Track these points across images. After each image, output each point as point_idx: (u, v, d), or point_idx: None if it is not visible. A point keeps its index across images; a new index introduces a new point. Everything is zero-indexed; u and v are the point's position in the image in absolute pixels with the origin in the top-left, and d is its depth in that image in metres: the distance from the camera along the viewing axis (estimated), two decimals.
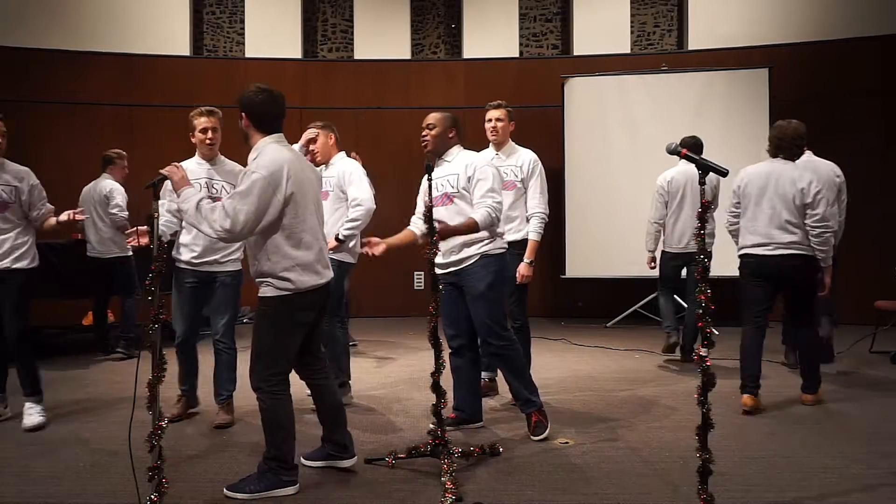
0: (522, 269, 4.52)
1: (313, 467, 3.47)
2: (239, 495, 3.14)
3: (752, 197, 4.60)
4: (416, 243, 4.01)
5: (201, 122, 4.25)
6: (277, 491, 3.17)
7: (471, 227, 3.71)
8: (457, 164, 3.92)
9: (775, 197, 4.52)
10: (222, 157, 4.37)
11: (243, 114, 3.26)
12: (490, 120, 4.70)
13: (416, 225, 4.07)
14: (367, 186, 4.65)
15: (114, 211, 6.17)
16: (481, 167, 3.86)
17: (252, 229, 3.05)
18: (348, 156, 4.93)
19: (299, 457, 3.45)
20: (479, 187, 3.81)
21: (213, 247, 4.20)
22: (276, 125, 3.28)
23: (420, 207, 4.12)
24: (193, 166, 4.24)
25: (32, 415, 4.21)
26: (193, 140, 4.28)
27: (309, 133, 4.37)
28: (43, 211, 4.35)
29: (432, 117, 3.99)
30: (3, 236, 4.20)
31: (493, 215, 3.76)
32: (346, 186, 4.57)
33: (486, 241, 3.90)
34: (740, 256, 4.72)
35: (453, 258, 3.92)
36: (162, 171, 3.11)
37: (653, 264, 6.30)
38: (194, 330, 4.34)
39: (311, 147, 4.44)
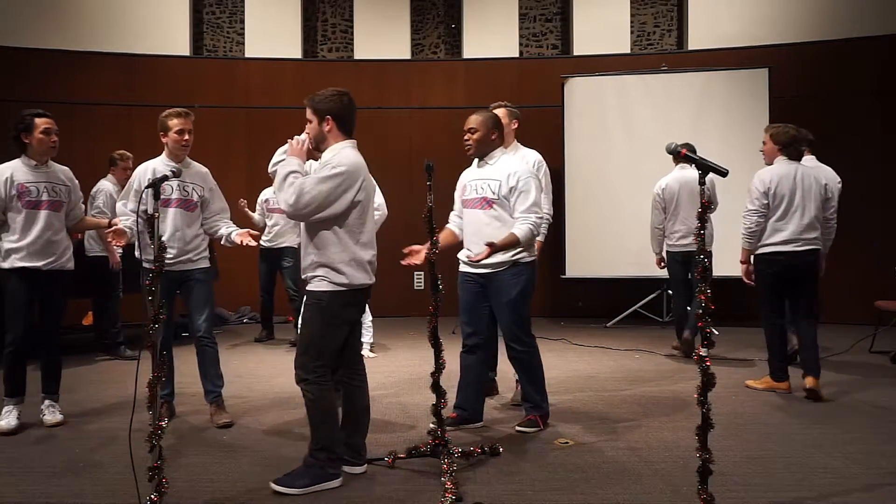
0: None
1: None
2: (290, 490, 3.16)
3: (786, 197, 4.80)
4: (458, 242, 4.15)
5: (177, 123, 4.26)
6: (325, 484, 3.20)
7: (513, 244, 3.82)
8: (499, 170, 3.95)
9: (806, 195, 4.80)
10: (189, 159, 4.40)
11: (329, 117, 3.30)
12: None
13: (456, 223, 4.20)
14: (379, 192, 4.67)
15: (94, 213, 6.15)
16: (525, 178, 3.89)
17: (312, 214, 3.17)
18: None
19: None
20: (522, 200, 3.86)
21: (185, 248, 4.26)
22: (353, 129, 3.38)
23: (458, 205, 4.19)
24: (160, 167, 4.24)
25: (55, 412, 4.28)
26: (165, 140, 4.31)
27: None
28: (81, 211, 4.43)
29: (474, 121, 4.02)
30: (58, 237, 4.24)
31: (535, 231, 3.85)
32: None
33: (520, 250, 3.94)
34: (767, 254, 4.84)
35: (485, 261, 3.92)
36: (290, 140, 3.28)
37: (662, 264, 6.63)
38: (172, 329, 4.39)
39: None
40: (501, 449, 3.69)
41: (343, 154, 3.26)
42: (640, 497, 3.13)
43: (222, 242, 4.36)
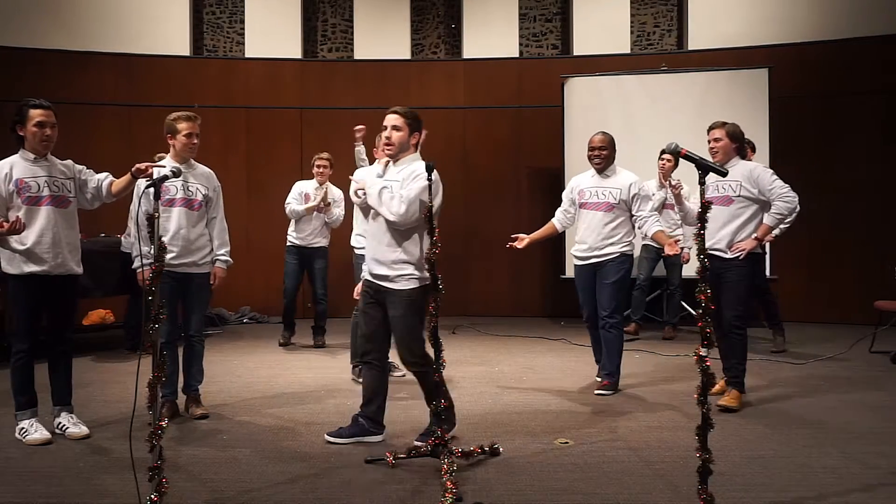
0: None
1: (341, 444, 3.84)
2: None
3: None
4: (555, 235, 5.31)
5: (186, 126, 4.32)
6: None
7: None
8: (620, 180, 5.04)
9: None
10: (193, 161, 4.45)
11: (418, 133, 3.82)
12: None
13: (559, 219, 5.32)
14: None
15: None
16: (644, 186, 5.11)
17: (417, 220, 3.66)
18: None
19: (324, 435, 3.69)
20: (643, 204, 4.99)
21: (190, 248, 4.32)
22: None
23: (566, 205, 5.32)
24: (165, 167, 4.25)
25: (80, 426, 4.04)
26: (172, 142, 4.35)
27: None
28: (100, 177, 4.10)
29: (601, 140, 5.13)
30: (64, 235, 3.95)
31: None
32: None
33: (626, 244, 4.96)
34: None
35: (596, 252, 5.00)
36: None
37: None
38: (177, 329, 4.39)
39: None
40: (501, 449, 3.70)
41: (420, 165, 3.66)
42: (640, 497, 3.14)
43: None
